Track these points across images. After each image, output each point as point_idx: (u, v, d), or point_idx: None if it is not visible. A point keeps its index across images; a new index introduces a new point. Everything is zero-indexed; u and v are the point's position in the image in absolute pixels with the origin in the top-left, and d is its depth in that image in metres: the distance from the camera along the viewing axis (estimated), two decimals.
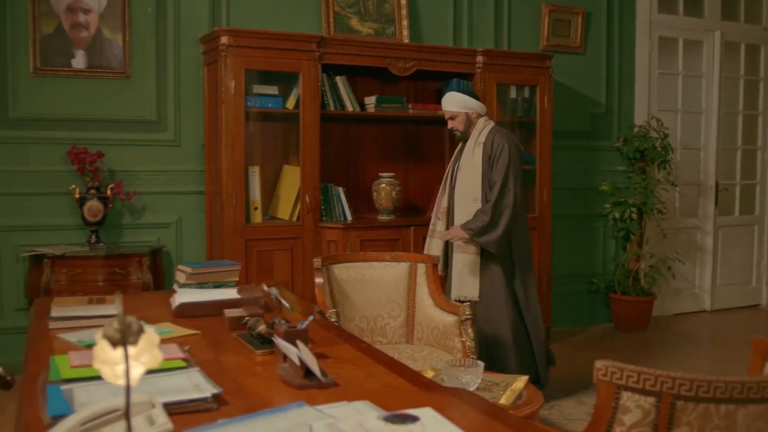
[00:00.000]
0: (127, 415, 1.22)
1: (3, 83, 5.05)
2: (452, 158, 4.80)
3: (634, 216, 6.55)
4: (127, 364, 1.16)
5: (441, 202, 4.72)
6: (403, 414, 1.54)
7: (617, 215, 6.60)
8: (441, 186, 4.79)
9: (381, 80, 5.73)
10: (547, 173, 6.04)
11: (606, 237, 6.93)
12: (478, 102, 4.66)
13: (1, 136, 5.05)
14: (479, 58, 5.73)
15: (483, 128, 4.60)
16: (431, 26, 6.11)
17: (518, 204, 4.44)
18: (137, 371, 1.21)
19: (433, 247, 4.61)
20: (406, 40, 5.82)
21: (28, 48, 5.08)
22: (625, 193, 6.63)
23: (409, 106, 5.66)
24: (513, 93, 6.05)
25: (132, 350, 1.19)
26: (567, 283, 6.71)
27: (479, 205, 4.43)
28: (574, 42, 6.64)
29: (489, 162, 4.48)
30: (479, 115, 4.64)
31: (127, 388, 1.18)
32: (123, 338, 1.15)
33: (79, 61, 5.21)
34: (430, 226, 4.69)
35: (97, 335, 1.22)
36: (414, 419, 1.51)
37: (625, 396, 1.73)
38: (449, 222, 4.60)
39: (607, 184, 6.64)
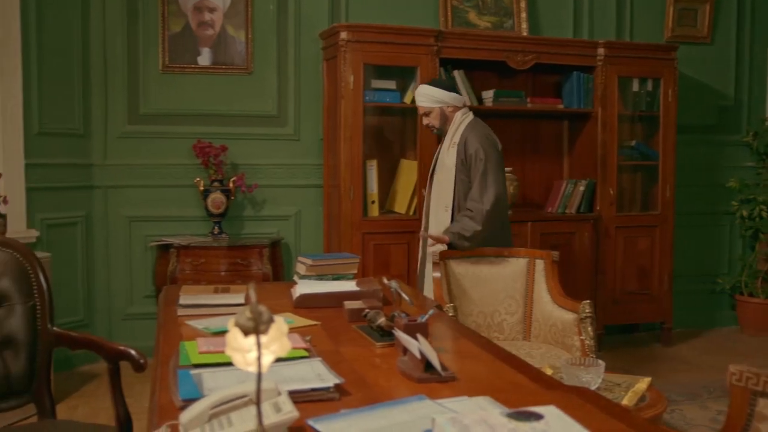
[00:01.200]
0: (257, 401, 1.25)
1: (135, 80, 5.29)
2: (435, 156, 4.41)
3: (764, 214, 6.26)
4: (258, 352, 1.18)
5: (426, 201, 4.43)
6: (527, 411, 1.51)
7: (745, 213, 6.33)
8: (427, 182, 4.45)
9: (499, 74, 5.67)
10: (671, 169, 5.84)
11: (732, 236, 6.64)
12: (453, 94, 4.21)
13: (133, 130, 5.29)
14: (600, 51, 5.59)
15: (459, 125, 4.18)
16: (550, 18, 6.00)
17: (500, 205, 4.05)
18: (267, 359, 1.24)
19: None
20: (525, 33, 5.73)
21: (157, 46, 5.31)
22: (754, 190, 6.34)
23: (528, 100, 5.58)
24: (635, 86, 5.87)
25: (262, 339, 1.22)
26: (689, 283, 6.47)
27: (449, 214, 4.11)
28: (701, 32, 6.38)
29: (463, 166, 4.09)
30: (456, 108, 4.21)
31: (259, 376, 1.21)
32: (255, 327, 1.18)
33: (204, 58, 5.39)
34: (423, 224, 4.42)
35: (230, 323, 1.25)
36: (538, 417, 1.48)
37: (762, 403, 1.65)
38: (427, 225, 4.31)
39: (734, 180, 6.37)
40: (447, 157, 4.16)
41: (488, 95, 5.48)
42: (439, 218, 4.16)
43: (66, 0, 5.06)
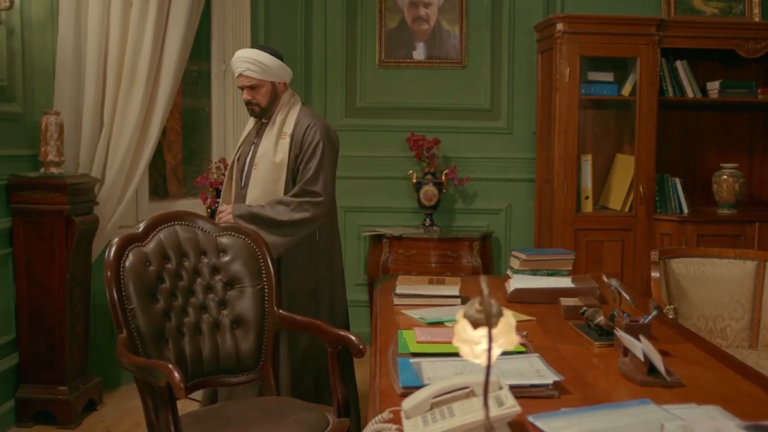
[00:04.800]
0: (484, 394, 1.26)
1: (352, 75, 5.49)
2: (241, 141, 3.58)
3: None
4: (489, 345, 1.19)
5: (226, 196, 3.58)
6: (766, 425, 1.41)
7: None
8: (227, 174, 3.62)
9: (725, 64, 5.32)
10: None
11: None
12: (288, 67, 3.46)
13: (350, 123, 5.49)
14: None
15: (289, 110, 3.44)
16: None
17: (330, 210, 3.48)
18: (495, 352, 1.24)
19: None
20: (757, 18, 5.33)
21: (374, 42, 5.47)
22: None
23: (759, 91, 5.19)
24: None
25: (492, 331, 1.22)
26: None
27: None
28: None
29: (296, 162, 3.37)
30: (285, 86, 3.46)
31: (488, 368, 1.21)
32: (487, 320, 1.18)
33: (419, 52, 5.49)
34: None
35: (458, 315, 1.26)
36: None
37: None
38: None
39: None
40: (276, 150, 3.37)
41: (713, 86, 5.16)
42: None
43: (290, 0, 5.33)
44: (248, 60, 3.35)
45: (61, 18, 4.06)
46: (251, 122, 3.58)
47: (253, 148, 3.47)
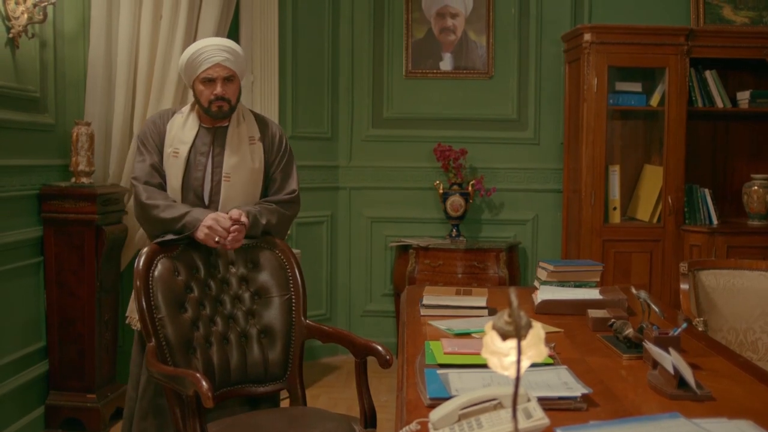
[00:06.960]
0: (513, 406, 1.25)
1: (379, 86, 5.51)
2: (186, 151, 2.96)
3: None
4: (518, 357, 1.18)
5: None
6: None
7: None
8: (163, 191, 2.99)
9: (756, 74, 5.27)
10: None
11: None
12: None
13: (376, 134, 5.51)
14: None
15: (246, 113, 3.09)
16: None
17: None
18: (523, 364, 1.23)
19: None
20: None
21: (401, 52, 5.48)
22: None
23: None
24: None
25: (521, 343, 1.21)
26: None
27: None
28: None
29: (268, 166, 3.09)
30: None
31: (517, 380, 1.21)
32: (516, 331, 1.18)
33: (446, 63, 5.50)
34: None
35: (487, 326, 1.26)
36: None
37: None
38: None
39: None
40: (252, 157, 3.01)
41: (744, 96, 5.12)
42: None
43: (318, 12, 5.36)
44: (226, 49, 2.92)
45: (92, 30, 4.12)
46: (181, 127, 3.00)
47: (211, 159, 3.00)
